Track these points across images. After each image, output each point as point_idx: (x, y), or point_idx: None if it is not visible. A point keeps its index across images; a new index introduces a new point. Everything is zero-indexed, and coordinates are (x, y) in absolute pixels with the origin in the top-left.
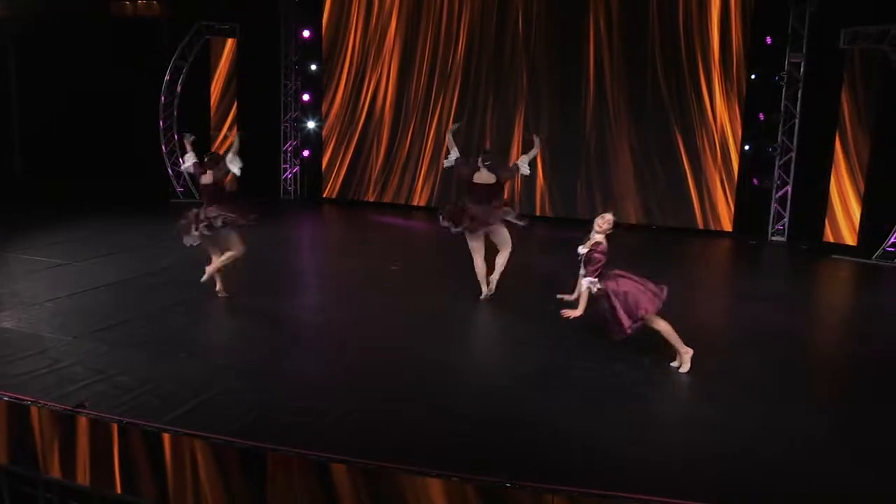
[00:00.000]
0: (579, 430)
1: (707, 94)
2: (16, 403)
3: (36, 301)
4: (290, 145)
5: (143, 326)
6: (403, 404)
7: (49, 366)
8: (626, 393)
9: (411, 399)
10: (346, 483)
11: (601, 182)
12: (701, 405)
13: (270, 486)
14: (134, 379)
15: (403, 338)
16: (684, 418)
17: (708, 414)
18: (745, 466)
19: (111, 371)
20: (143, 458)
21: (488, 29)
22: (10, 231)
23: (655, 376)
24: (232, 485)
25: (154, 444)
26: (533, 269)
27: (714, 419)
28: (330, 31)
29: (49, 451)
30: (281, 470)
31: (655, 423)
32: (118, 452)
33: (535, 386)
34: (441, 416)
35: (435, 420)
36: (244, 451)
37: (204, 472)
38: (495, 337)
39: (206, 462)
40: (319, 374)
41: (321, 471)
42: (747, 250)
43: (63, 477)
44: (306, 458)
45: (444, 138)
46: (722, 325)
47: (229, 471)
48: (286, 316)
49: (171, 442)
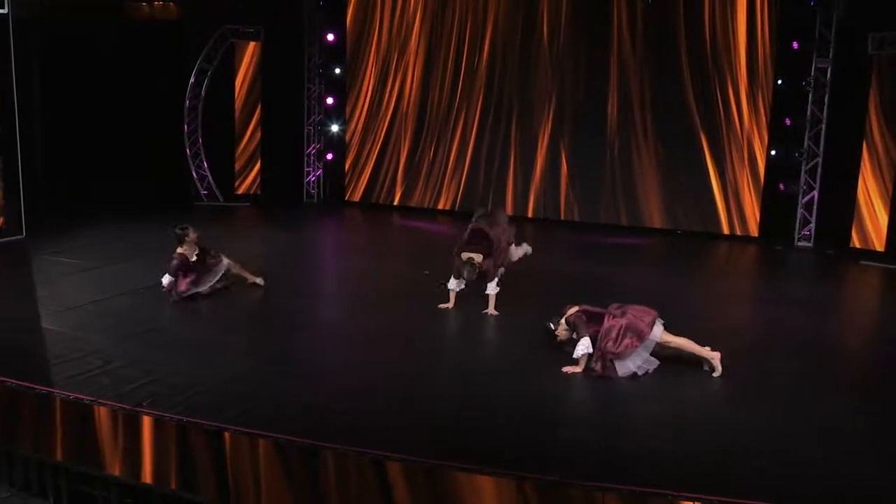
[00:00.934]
0: (618, 429)
1: (733, 100)
2: (76, 402)
3: (78, 303)
4: (314, 148)
5: (185, 328)
6: (444, 404)
7: (101, 367)
8: (660, 395)
9: (450, 398)
10: (401, 480)
11: (626, 187)
12: (734, 407)
13: (329, 484)
14: (185, 379)
15: (437, 340)
16: (719, 419)
17: (742, 415)
18: (782, 466)
19: (161, 372)
20: (203, 455)
21: (514, 32)
22: (39, 233)
23: (687, 378)
24: (292, 482)
25: (215, 442)
26: (559, 274)
27: (748, 420)
28: (354, 34)
29: (112, 450)
30: (340, 467)
31: (691, 424)
32: (179, 450)
33: (572, 387)
34: (484, 416)
35: (478, 419)
36: (304, 448)
37: (264, 469)
38: (528, 339)
39: (267, 459)
40: (363, 375)
41: (378, 468)
42: (773, 255)
43: (124, 475)
44: (364, 455)
45: (469, 146)
46: (752, 329)
47: (290, 468)
48: (323, 318)
49: (231, 439)
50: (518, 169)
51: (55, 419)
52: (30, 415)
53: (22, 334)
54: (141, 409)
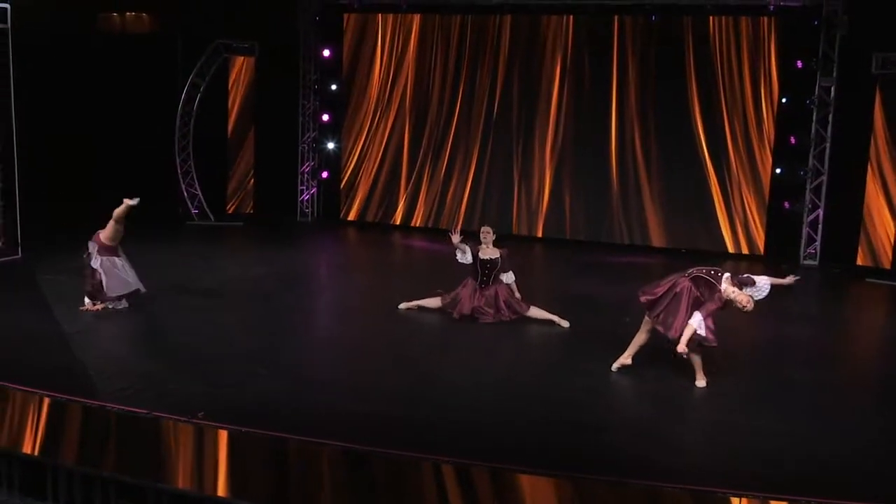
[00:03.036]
0: (654, 434)
1: (737, 118)
2: (128, 415)
3: (95, 320)
4: (308, 166)
5: (215, 344)
6: (486, 412)
7: (143, 381)
8: (689, 403)
9: (494, 407)
10: (454, 484)
11: (629, 205)
12: (760, 415)
13: (388, 488)
14: (230, 392)
15: (466, 355)
16: (747, 426)
17: (768, 422)
18: (814, 468)
19: (204, 385)
20: (261, 463)
21: (517, 49)
22: (34, 254)
23: (712, 389)
24: (355, 488)
25: (278, 451)
26: (571, 291)
27: (775, 427)
28: (351, 50)
29: (171, 461)
30: (396, 472)
31: (722, 430)
32: (230, 458)
33: (605, 395)
34: (529, 424)
35: (525, 427)
36: (362, 455)
37: (327, 476)
38: (556, 353)
39: (331, 466)
40: (403, 385)
41: (436, 472)
42: (779, 274)
43: (187, 486)
44: (420, 460)
45: (470, 163)
46: (765, 344)
47: (351, 474)
48: (347, 334)
49: (295, 448)
50: (521, 187)
51: (109, 432)
52: (78, 428)
53: (53, 352)
54: (196, 420)
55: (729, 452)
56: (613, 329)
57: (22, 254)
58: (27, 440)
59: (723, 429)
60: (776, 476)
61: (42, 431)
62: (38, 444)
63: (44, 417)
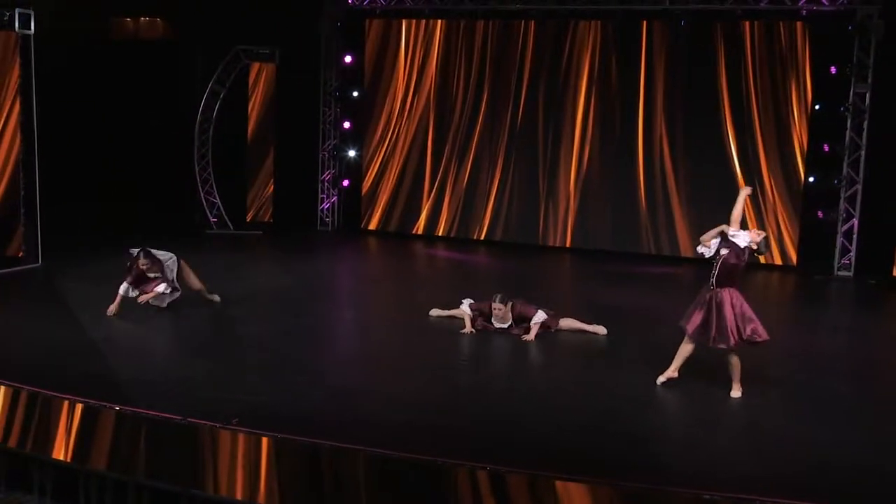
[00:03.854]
0: (695, 445)
1: (770, 126)
2: (165, 420)
3: (120, 326)
4: (329, 174)
5: (247, 352)
6: (524, 422)
7: (175, 387)
8: (729, 412)
9: (532, 416)
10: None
11: (658, 215)
12: (802, 425)
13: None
14: (263, 399)
15: (502, 364)
16: (789, 435)
17: (810, 432)
18: (859, 477)
19: (240, 392)
20: (297, 470)
21: (542, 57)
22: (53, 262)
23: (752, 399)
24: (390, 495)
25: (312, 458)
26: (602, 301)
27: (818, 436)
28: (373, 56)
29: (207, 467)
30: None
31: (763, 439)
32: (269, 465)
33: (645, 405)
34: (569, 434)
35: (565, 436)
36: (398, 461)
37: (364, 484)
38: (591, 364)
39: (368, 474)
40: (437, 394)
41: (472, 478)
42: (813, 285)
43: (220, 492)
44: (459, 466)
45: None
46: (803, 355)
47: (391, 482)
48: (376, 343)
49: (328, 454)
50: (547, 196)
51: (142, 438)
52: (112, 434)
53: (83, 359)
54: (231, 427)
55: (771, 461)
56: (648, 339)
57: (42, 262)
58: (59, 446)
59: (764, 438)
60: (821, 485)
61: (74, 437)
62: (71, 450)
63: (76, 423)
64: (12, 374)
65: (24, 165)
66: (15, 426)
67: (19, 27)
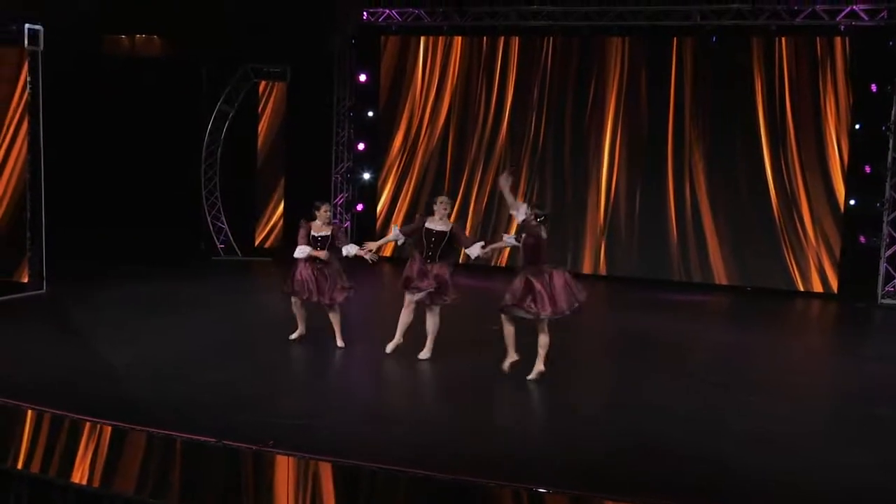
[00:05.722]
0: (738, 468)
1: (807, 145)
2: (195, 443)
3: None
4: (342, 198)
5: (275, 377)
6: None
7: (203, 412)
8: (772, 436)
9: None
10: None
11: (691, 241)
12: (848, 449)
13: None
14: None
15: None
16: (833, 459)
17: (855, 456)
18: None
19: (268, 416)
20: (330, 492)
21: (565, 75)
22: (57, 288)
23: (795, 424)
24: None
25: (352, 480)
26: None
27: (863, 460)
28: (389, 75)
29: (247, 490)
30: None
31: (807, 464)
32: (310, 488)
33: (683, 428)
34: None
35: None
36: (441, 483)
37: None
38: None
39: (409, 496)
40: (468, 417)
41: (538, 500)
42: (856, 314)
43: None
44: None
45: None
46: (845, 384)
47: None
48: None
49: (369, 476)
50: (572, 221)
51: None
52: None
53: (107, 383)
54: (268, 449)
55: (816, 485)
56: (676, 363)
57: (47, 287)
58: (84, 470)
59: (807, 463)
60: None
61: (102, 461)
62: (98, 475)
63: (105, 446)
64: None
65: (30, 186)
66: (38, 450)
67: (28, 43)
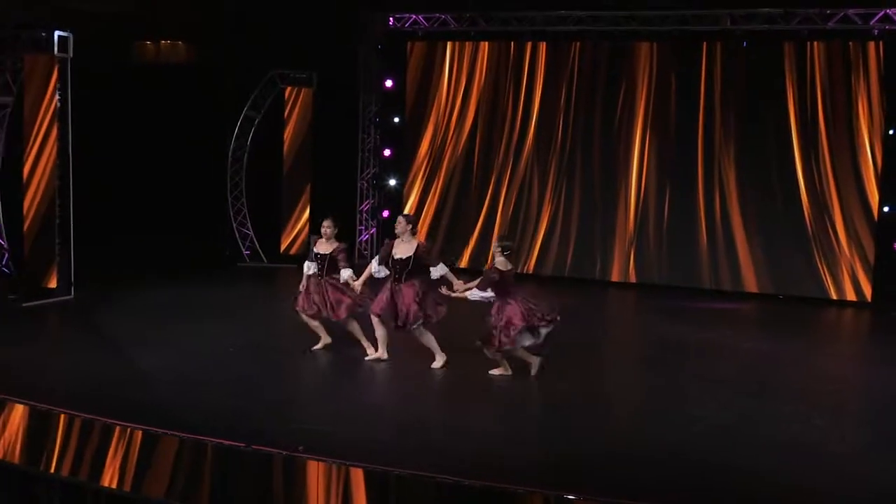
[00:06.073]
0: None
1: (840, 151)
2: (229, 448)
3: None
4: (368, 205)
5: (305, 383)
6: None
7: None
8: (806, 445)
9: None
10: None
11: (721, 248)
12: (886, 456)
13: None
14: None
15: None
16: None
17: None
18: None
19: (297, 422)
20: (362, 498)
21: (594, 83)
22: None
23: (831, 433)
24: None
25: (381, 486)
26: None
27: None
28: (415, 81)
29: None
30: None
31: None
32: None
33: (717, 438)
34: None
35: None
36: (476, 490)
37: None
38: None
39: (439, 502)
40: (500, 425)
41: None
42: (890, 323)
43: None
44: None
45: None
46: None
47: None
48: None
49: (397, 482)
50: (601, 228)
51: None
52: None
53: (137, 388)
54: (300, 454)
55: (849, 496)
56: (706, 372)
57: (75, 293)
58: (114, 474)
59: (841, 473)
60: None
61: (133, 465)
62: (129, 479)
63: (135, 451)
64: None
65: (59, 193)
66: (68, 454)
67: (58, 51)
